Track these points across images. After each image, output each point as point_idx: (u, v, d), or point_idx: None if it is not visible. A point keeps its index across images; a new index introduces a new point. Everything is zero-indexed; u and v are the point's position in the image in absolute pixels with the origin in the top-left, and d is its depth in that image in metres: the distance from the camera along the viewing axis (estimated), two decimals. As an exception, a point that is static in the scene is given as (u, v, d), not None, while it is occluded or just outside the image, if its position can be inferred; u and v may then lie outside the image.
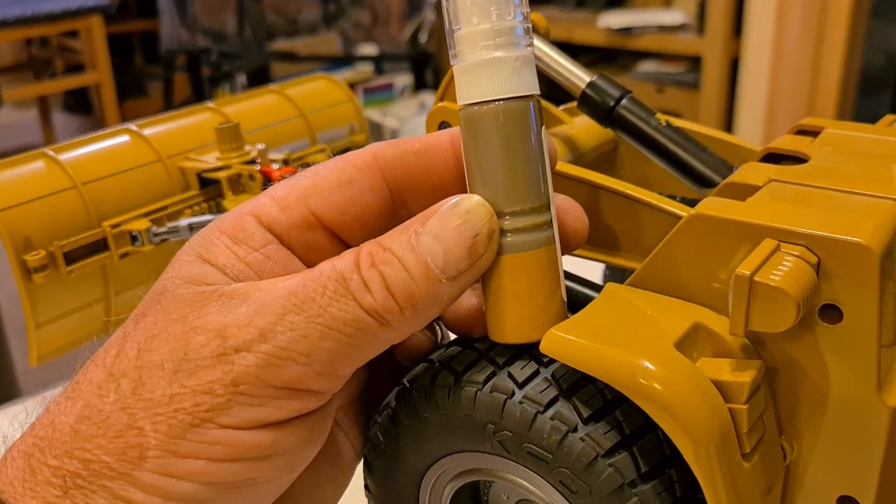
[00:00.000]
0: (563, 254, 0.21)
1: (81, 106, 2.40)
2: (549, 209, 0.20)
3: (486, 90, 0.19)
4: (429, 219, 0.19)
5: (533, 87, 0.20)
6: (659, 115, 0.33)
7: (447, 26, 0.20)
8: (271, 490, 0.19)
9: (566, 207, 0.22)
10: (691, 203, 0.26)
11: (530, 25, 0.20)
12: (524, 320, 0.21)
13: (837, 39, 1.45)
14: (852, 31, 1.45)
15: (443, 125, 0.38)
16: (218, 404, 0.17)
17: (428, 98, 1.88)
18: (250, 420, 0.17)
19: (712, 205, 0.23)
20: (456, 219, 0.18)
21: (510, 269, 0.20)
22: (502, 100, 0.19)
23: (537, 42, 0.35)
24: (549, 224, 0.20)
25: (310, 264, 0.20)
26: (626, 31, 1.70)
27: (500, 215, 0.19)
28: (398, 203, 0.21)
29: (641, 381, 0.21)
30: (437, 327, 0.24)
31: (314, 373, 0.18)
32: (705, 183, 0.32)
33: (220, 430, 0.17)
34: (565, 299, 0.21)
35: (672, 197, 0.29)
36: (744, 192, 0.24)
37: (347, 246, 0.20)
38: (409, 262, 0.18)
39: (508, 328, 0.21)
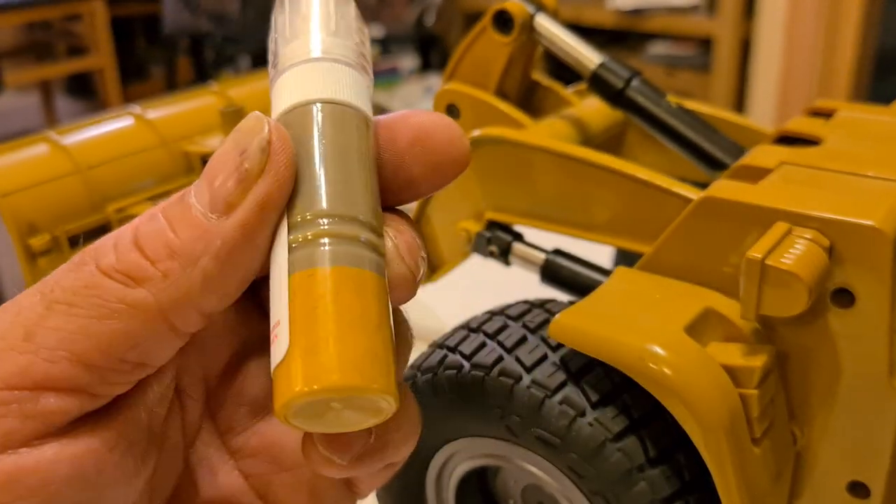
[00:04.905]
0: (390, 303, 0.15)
1: (84, 90, 2.40)
2: (381, 237, 0.16)
3: (307, 92, 0.16)
4: None
5: (363, 105, 0.16)
6: (669, 97, 0.33)
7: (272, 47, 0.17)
8: None
9: (400, 249, 0.16)
10: (702, 186, 0.26)
11: (367, 63, 0.17)
12: (334, 358, 0.14)
13: (851, 20, 1.43)
14: (867, 12, 1.43)
15: (450, 107, 0.38)
16: None
17: (434, 80, 1.86)
18: None
19: (723, 187, 0.23)
20: (225, 145, 0.15)
21: (320, 286, 0.14)
22: (328, 102, 0.16)
23: (546, 23, 0.35)
24: (380, 252, 0.15)
25: None
26: (637, 12, 1.68)
27: (319, 215, 0.15)
28: None
29: (651, 365, 0.21)
30: None
31: (69, 363, 0.14)
32: (716, 165, 0.31)
33: None
34: (392, 362, 0.14)
35: (682, 180, 0.29)
36: (755, 174, 0.24)
37: None
38: (171, 212, 0.15)
39: (311, 370, 0.14)
